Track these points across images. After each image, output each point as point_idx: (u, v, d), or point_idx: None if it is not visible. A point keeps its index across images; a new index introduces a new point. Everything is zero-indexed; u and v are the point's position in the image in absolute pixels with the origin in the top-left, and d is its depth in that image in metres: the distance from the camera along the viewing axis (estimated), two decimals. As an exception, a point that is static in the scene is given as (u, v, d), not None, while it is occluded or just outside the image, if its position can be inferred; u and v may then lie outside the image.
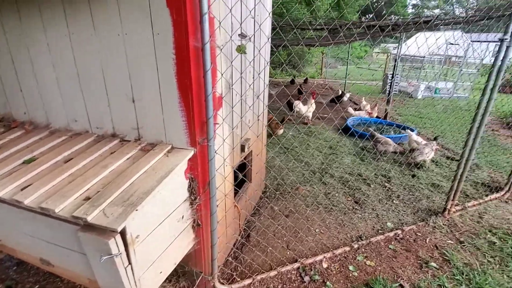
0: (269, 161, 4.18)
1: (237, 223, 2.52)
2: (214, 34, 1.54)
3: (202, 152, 1.62)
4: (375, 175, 3.91)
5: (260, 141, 3.00)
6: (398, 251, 2.56)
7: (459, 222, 2.99)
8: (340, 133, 5.71)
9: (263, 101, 2.87)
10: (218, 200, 1.92)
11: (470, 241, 2.68)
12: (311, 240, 2.61)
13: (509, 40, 2.34)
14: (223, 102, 1.81)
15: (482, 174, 4.08)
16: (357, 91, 11.61)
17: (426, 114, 7.90)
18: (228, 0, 1.67)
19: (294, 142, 5.06)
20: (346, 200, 3.31)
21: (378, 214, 3.06)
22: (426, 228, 2.88)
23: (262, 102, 2.85)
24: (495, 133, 6.33)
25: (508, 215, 3.15)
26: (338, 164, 4.22)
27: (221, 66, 1.69)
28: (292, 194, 3.36)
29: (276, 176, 3.76)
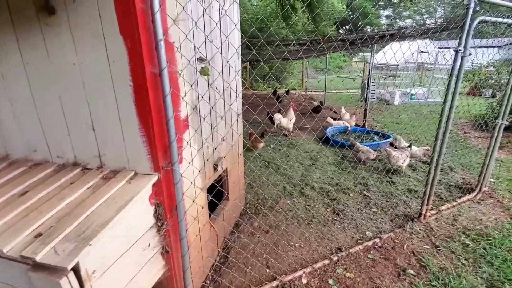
0: (250, 176, 4.17)
1: (214, 244, 2.47)
2: (174, 58, 1.56)
3: (166, 177, 1.59)
4: (354, 183, 3.97)
5: (237, 157, 3.00)
6: (377, 260, 2.57)
7: (434, 226, 3.05)
8: (320, 144, 5.79)
9: (237, 120, 2.89)
10: (189, 224, 1.89)
11: (445, 244, 2.73)
12: (291, 256, 2.59)
13: (463, 51, 2.49)
14: (189, 124, 1.81)
15: (455, 177, 4.22)
16: (337, 100, 11.90)
17: (402, 120, 8.17)
18: (188, 24, 1.70)
19: (275, 155, 5.08)
20: (326, 211, 3.32)
21: (357, 224, 3.08)
22: (404, 234, 2.93)
23: (237, 120, 2.87)
24: (467, 135, 6.60)
25: (480, 216, 3.25)
26: (318, 175, 4.26)
27: (184, 89, 1.70)
28: (273, 208, 3.35)
29: (257, 191, 3.74)
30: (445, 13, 40.01)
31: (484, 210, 3.38)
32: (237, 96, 2.78)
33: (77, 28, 1.43)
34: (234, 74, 2.67)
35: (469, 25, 2.41)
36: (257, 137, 5.05)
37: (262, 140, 5.20)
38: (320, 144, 5.77)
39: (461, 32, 2.44)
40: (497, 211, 3.38)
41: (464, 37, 2.43)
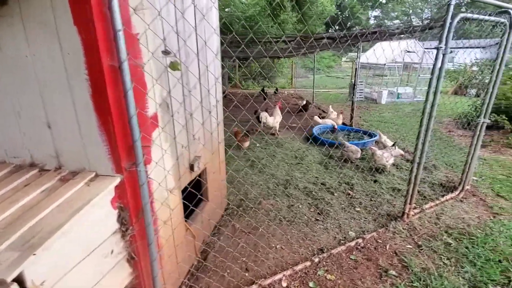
0: (234, 176, 4.07)
1: (191, 248, 2.37)
2: (138, 51, 1.45)
3: (131, 178, 1.49)
4: (339, 183, 3.93)
5: (217, 157, 2.90)
6: (359, 261, 2.52)
7: (418, 225, 3.03)
8: (306, 142, 5.74)
9: (217, 116, 2.79)
10: (160, 227, 1.78)
11: (428, 244, 2.71)
12: (271, 258, 2.51)
13: (444, 48, 2.46)
14: (159, 122, 1.71)
15: (439, 175, 4.23)
16: (325, 99, 11.93)
17: (388, 118, 8.22)
18: (156, 14, 1.59)
19: (261, 154, 5.00)
20: (309, 211, 3.26)
21: (341, 224, 3.03)
22: (387, 234, 2.89)
23: (216, 118, 2.78)
24: (451, 133, 6.68)
25: (463, 214, 3.26)
26: (303, 174, 4.21)
27: (153, 84, 1.59)
28: (255, 209, 3.27)
29: (240, 190, 3.65)
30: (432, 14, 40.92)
31: (467, 208, 3.39)
32: (216, 94, 2.68)
33: (29, 19, 1.32)
34: (214, 71, 2.58)
35: (450, 22, 2.38)
36: (242, 136, 4.96)
37: (247, 139, 5.12)
38: (308, 143, 5.72)
39: (442, 30, 2.41)
40: (480, 209, 3.39)
41: (445, 34, 2.40)
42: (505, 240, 2.76)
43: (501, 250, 2.60)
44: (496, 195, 3.70)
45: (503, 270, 2.38)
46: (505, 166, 4.61)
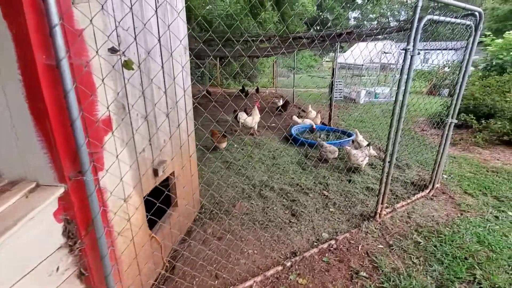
0: (208, 178, 3.97)
1: (157, 257, 2.25)
2: (83, 49, 1.33)
3: (77, 188, 1.36)
4: (314, 183, 3.92)
5: (187, 160, 2.79)
6: (331, 263, 2.50)
7: (389, 225, 3.06)
8: (285, 142, 5.72)
9: (186, 117, 2.68)
10: (115, 238, 1.66)
11: (398, 243, 2.74)
12: (242, 264, 2.44)
13: (412, 50, 2.48)
14: (112, 125, 1.58)
15: (411, 174, 4.33)
16: (306, 99, 12.02)
17: (366, 118, 8.39)
18: (108, 9, 1.47)
19: (238, 155, 4.92)
20: (284, 213, 3.22)
21: (314, 225, 3.01)
22: (360, 234, 2.90)
23: (186, 119, 2.66)
24: (424, 132, 6.90)
25: (433, 212, 3.33)
26: (279, 175, 4.17)
27: (104, 86, 1.47)
28: (229, 212, 3.18)
29: (214, 193, 3.55)
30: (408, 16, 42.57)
31: (436, 206, 3.48)
32: (184, 93, 2.57)
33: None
34: (180, 68, 2.46)
35: (417, 24, 2.40)
36: (219, 137, 4.85)
37: (225, 140, 5.02)
38: (286, 143, 5.70)
39: (409, 32, 2.42)
40: (449, 207, 3.49)
41: (413, 36, 2.42)
42: (471, 237, 2.84)
43: (467, 248, 2.67)
44: (464, 193, 3.83)
45: (469, 267, 2.44)
46: (472, 164, 4.80)
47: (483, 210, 3.39)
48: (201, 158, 4.35)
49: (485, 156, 5.24)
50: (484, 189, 3.90)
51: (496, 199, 3.66)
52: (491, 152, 5.42)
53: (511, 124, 5.54)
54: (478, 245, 2.72)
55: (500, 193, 3.78)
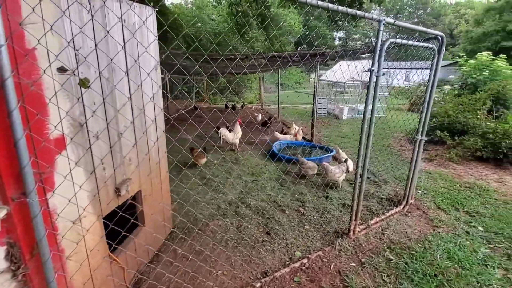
0: (184, 195, 3.89)
1: (120, 279, 2.15)
2: (34, 68, 1.32)
3: (21, 210, 1.30)
4: (291, 200, 3.90)
5: (157, 178, 2.74)
6: (303, 283, 2.46)
7: (363, 242, 3.06)
8: (264, 158, 5.73)
9: (157, 135, 2.66)
10: (73, 262, 1.58)
11: (370, 261, 2.72)
12: (210, 286, 2.36)
13: (376, 71, 2.58)
14: (66, 144, 1.55)
15: (387, 190, 4.39)
16: (291, 115, 12.21)
17: (347, 134, 8.55)
18: (66, 28, 1.47)
19: (217, 172, 4.88)
20: (258, 231, 3.17)
21: (288, 243, 2.97)
22: (333, 252, 2.88)
23: (156, 136, 2.64)
24: (403, 148, 7.08)
25: (406, 228, 3.36)
26: (257, 192, 4.14)
27: (57, 104, 1.45)
28: (201, 231, 3.11)
29: (189, 211, 3.47)
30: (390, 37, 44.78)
31: (410, 222, 3.51)
32: (154, 112, 2.56)
33: None
34: (150, 85, 2.46)
35: (381, 46, 2.52)
36: (198, 153, 4.82)
37: (204, 156, 4.98)
38: (266, 159, 5.71)
39: (373, 54, 2.53)
40: (422, 222, 3.53)
41: (377, 57, 2.53)
42: (442, 253, 2.86)
43: (438, 264, 2.69)
44: (437, 208, 3.89)
45: (438, 284, 2.45)
46: (446, 180, 4.92)
47: (455, 225, 3.44)
48: (178, 175, 4.29)
49: (459, 171, 5.39)
50: (457, 204, 3.98)
51: (468, 214, 3.74)
52: (465, 167, 5.59)
53: (482, 141, 5.76)
54: (448, 262, 2.74)
55: (471, 208, 3.87)
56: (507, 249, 3.00)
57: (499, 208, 3.89)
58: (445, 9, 54.31)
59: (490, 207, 3.93)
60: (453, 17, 53.65)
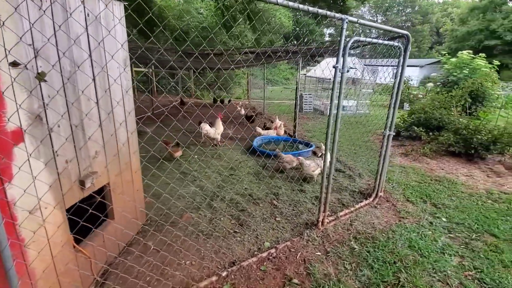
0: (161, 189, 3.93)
1: (87, 270, 2.20)
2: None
3: (-28, 200, 1.33)
4: (266, 193, 4.00)
5: (128, 171, 2.78)
6: (268, 271, 2.56)
7: (331, 232, 3.18)
8: (245, 153, 5.81)
9: (127, 127, 2.68)
10: (34, 251, 1.62)
11: (335, 250, 2.85)
12: (178, 276, 2.43)
13: (341, 68, 2.67)
14: (24, 136, 1.58)
15: (361, 183, 4.54)
16: (277, 110, 12.31)
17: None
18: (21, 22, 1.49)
19: (196, 166, 4.92)
20: (230, 223, 3.26)
21: (258, 235, 3.07)
22: (301, 242, 2.99)
23: (125, 128, 2.67)
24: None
25: (374, 219, 3.51)
26: (233, 185, 4.22)
27: (14, 95, 1.47)
28: (175, 224, 3.17)
29: (164, 204, 3.52)
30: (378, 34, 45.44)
31: (378, 214, 3.66)
32: (124, 102, 2.58)
33: None
34: (119, 78, 2.49)
35: (344, 44, 2.61)
36: (173, 146, 4.87)
37: (179, 149, 5.02)
38: (247, 154, 5.78)
39: (337, 51, 2.62)
40: (390, 214, 3.69)
41: (341, 55, 2.62)
42: (403, 242, 3.02)
43: (398, 252, 2.84)
44: (406, 200, 4.07)
45: (396, 271, 2.59)
46: (419, 173, 5.12)
47: (420, 216, 3.61)
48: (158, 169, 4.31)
49: (432, 166, 5.60)
50: (425, 197, 4.17)
51: (434, 206, 3.93)
52: (438, 162, 5.82)
53: (455, 136, 5.99)
54: (408, 250, 2.90)
55: (438, 200, 4.06)
56: (466, 238, 3.18)
57: (464, 200, 4.09)
58: (433, 8, 55.23)
59: (456, 199, 4.13)
60: (440, 15, 54.64)
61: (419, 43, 52.84)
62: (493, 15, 30.65)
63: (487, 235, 3.25)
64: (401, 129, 7.58)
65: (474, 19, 32.54)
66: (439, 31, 50.75)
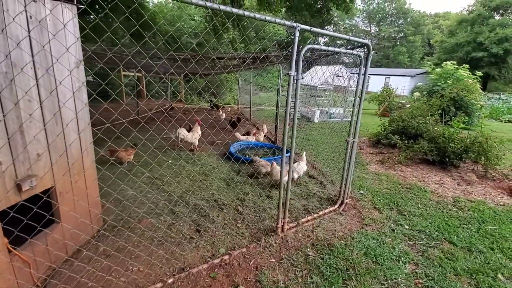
0: (124, 193, 3.89)
1: (26, 276, 2.14)
2: None
3: None
4: (232, 199, 3.98)
5: (80, 175, 2.74)
6: (218, 278, 2.52)
7: (291, 239, 3.17)
8: (222, 159, 5.79)
9: (78, 129, 2.66)
10: None
11: (289, 257, 2.83)
12: (122, 282, 2.38)
13: (295, 75, 2.69)
14: None
15: (331, 190, 4.55)
16: (263, 116, 12.36)
17: (314, 136, 8.75)
18: None
19: (168, 171, 4.88)
20: (190, 229, 3.22)
21: (215, 241, 3.04)
22: (257, 249, 2.96)
23: (78, 134, 2.64)
24: (362, 151, 7.32)
25: (337, 226, 3.50)
26: (201, 191, 4.19)
27: None
28: (132, 229, 3.12)
29: (124, 209, 3.48)
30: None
31: (343, 221, 3.66)
32: (75, 103, 2.56)
33: None
34: (72, 84, 2.47)
35: (297, 52, 2.64)
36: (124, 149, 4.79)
37: (132, 152, 4.95)
38: (223, 160, 5.77)
39: (291, 59, 2.65)
40: (354, 221, 3.69)
41: (294, 62, 2.64)
42: (360, 250, 3.01)
43: (352, 259, 2.83)
44: (373, 207, 4.08)
45: (346, 278, 2.58)
46: (391, 181, 5.15)
47: (383, 223, 3.62)
48: (119, 172, 4.27)
49: (406, 173, 5.65)
50: (392, 204, 4.19)
51: (399, 213, 3.94)
52: (412, 170, 5.86)
53: (429, 145, 6.06)
54: (363, 257, 2.89)
55: (404, 208, 4.07)
56: (424, 245, 3.19)
57: (430, 208, 4.12)
58: (424, 19, 56.54)
59: (422, 207, 4.16)
60: (431, 27, 55.94)
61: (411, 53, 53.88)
62: (480, 28, 31.48)
63: (445, 242, 3.27)
64: (382, 137, 7.65)
65: (463, 31, 33.38)
66: (430, 42, 51.86)
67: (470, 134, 5.96)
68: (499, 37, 29.02)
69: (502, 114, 16.35)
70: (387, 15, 58.30)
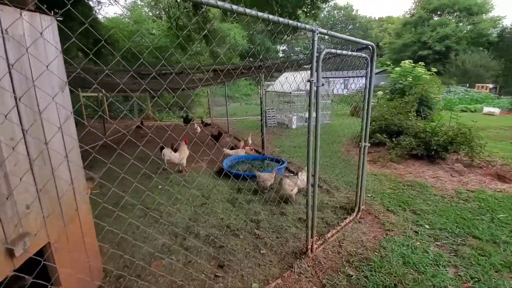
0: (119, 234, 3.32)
1: None
2: None
3: None
4: (245, 221, 3.62)
5: (76, 223, 2.22)
6: (262, 322, 2.16)
7: (322, 259, 2.90)
8: (216, 177, 5.38)
9: (71, 173, 2.16)
10: None
11: (331, 280, 2.56)
12: None
13: (315, 81, 2.49)
14: None
15: (340, 197, 4.40)
16: (241, 127, 12.09)
17: (299, 143, 8.66)
18: None
19: (162, 198, 4.36)
20: (210, 265, 2.80)
21: (244, 275, 2.66)
22: (292, 276, 2.65)
23: (70, 176, 2.14)
24: (351, 153, 7.37)
25: (361, 236, 3.32)
26: (207, 217, 3.76)
27: None
28: (141, 276, 2.62)
29: (126, 254, 2.94)
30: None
31: (364, 229, 3.49)
32: (64, 144, 2.07)
33: None
34: (58, 112, 1.99)
35: (317, 56, 2.44)
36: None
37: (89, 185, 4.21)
38: (218, 178, 5.35)
39: (311, 64, 2.44)
40: (375, 227, 3.54)
41: (315, 68, 2.44)
42: (397, 259, 2.85)
43: (395, 272, 2.64)
44: (386, 210, 3.99)
45: (398, 295, 2.38)
46: (391, 180, 5.17)
47: (404, 226, 3.52)
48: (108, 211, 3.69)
49: (400, 171, 5.73)
50: (403, 204, 4.14)
51: (413, 213, 3.89)
52: (404, 166, 5.99)
53: (416, 140, 6.26)
54: (404, 267, 2.72)
55: (416, 206, 4.05)
56: (453, 244, 3.13)
57: (439, 203, 4.14)
58: (371, 24, 61.18)
59: (431, 203, 4.17)
60: (378, 31, 60.63)
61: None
62: (422, 29, 34.81)
63: (470, 238, 3.25)
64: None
65: (408, 33, 36.61)
66: (379, 44, 56.15)
67: (451, 126, 6.27)
68: (440, 35, 32.36)
69: (454, 104, 17.95)
70: (337, 21, 62.11)
